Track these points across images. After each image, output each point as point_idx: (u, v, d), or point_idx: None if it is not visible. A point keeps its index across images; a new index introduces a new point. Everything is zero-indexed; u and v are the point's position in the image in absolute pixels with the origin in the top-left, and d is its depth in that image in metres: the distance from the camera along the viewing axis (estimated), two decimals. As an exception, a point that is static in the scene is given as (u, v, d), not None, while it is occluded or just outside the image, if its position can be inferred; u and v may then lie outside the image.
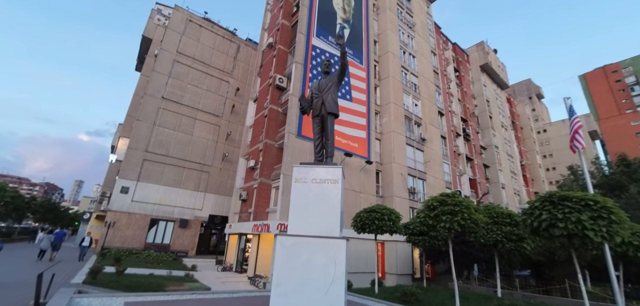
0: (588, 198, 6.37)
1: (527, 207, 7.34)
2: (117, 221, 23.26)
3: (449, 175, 29.81)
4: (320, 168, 5.79)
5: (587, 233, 6.03)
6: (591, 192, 7.55)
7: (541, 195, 7.22)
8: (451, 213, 8.00)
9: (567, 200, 6.55)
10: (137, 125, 26.83)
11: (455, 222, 7.88)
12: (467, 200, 8.28)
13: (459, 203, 8.01)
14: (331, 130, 6.57)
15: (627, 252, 8.46)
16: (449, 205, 8.12)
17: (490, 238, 10.55)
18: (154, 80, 28.92)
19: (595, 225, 6.04)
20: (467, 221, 7.87)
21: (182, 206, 26.75)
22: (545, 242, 9.73)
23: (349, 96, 23.58)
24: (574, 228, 6.19)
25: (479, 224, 8.23)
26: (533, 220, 6.94)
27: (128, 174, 24.87)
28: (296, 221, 5.48)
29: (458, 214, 7.89)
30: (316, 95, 6.75)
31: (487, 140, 42.66)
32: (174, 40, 31.22)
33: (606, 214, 6.11)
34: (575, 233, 6.20)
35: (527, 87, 72.83)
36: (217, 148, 30.65)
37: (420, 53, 32.32)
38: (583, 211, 6.23)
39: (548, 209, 6.71)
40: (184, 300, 7.63)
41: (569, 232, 6.26)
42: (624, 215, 6.40)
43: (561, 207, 6.51)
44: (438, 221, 8.19)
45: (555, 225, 6.43)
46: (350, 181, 20.94)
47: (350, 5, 27.50)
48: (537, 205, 7.01)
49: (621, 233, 6.16)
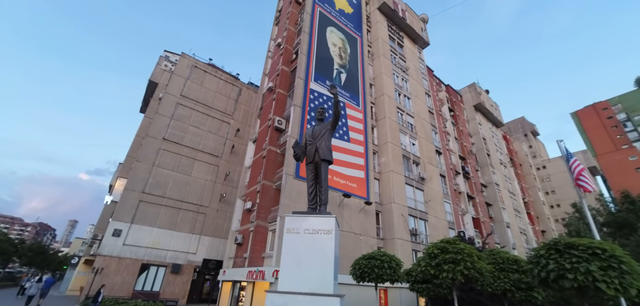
0: (595, 246, 6.06)
1: (533, 254, 6.98)
2: (105, 267, 22.23)
3: (452, 215, 29.17)
4: (313, 218, 5.59)
5: (599, 285, 5.64)
6: (596, 236, 7.24)
7: (546, 241, 6.90)
8: (453, 261, 7.59)
9: (573, 247, 6.22)
10: (136, 166, 26.80)
11: (458, 271, 7.44)
12: (470, 247, 7.90)
13: (461, 251, 7.63)
14: (325, 178, 6.47)
15: (645, 303, 7.87)
16: (451, 252, 7.73)
17: (498, 287, 9.91)
18: (156, 122, 29.45)
19: (606, 276, 5.66)
20: (471, 270, 7.44)
21: (175, 250, 25.76)
22: (555, 293, 9.16)
23: (346, 137, 23.85)
24: (584, 279, 5.80)
25: (484, 273, 7.78)
26: (540, 270, 6.54)
27: (122, 216, 24.29)
28: (287, 276, 5.16)
29: (460, 263, 7.47)
30: (310, 142, 6.74)
31: (487, 177, 42.43)
32: (179, 84, 32.35)
33: (616, 264, 5.76)
34: (586, 285, 5.80)
35: (521, 124, 74.20)
36: (215, 188, 30.32)
37: (415, 94, 33.33)
38: (591, 260, 5.88)
39: (554, 258, 6.35)
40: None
41: (580, 284, 5.86)
42: (635, 263, 6.05)
43: (568, 256, 6.17)
44: (440, 270, 7.75)
45: (564, 276, 6.04)
46: (350, 223, 20.40)
47: (346, 52, 28.92)
48: (543, 253, 6.66)
49: (635, 284, 5.76)
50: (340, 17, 30.24)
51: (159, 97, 34.54)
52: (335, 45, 28.31)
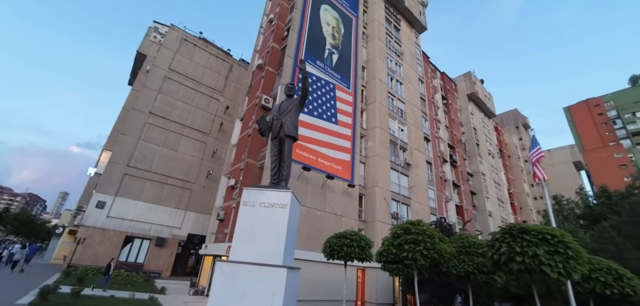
0: (546, 231, 6.27)
1: (490, 238, 7.20)
2: (89, 237, 22.32)
3: (435, 201, 29.72)
4: (269, 191, 5.62)
5: (544, 268, 5.88)
6: (553, 224, 7.47)
7: (502, 227, 7.10)
8: (414, 242, 7.78)
9: (526, 233, 6.43)
10: (122, 139, 26.46)
11: (418, 252, 7.65)
12: (432, 229, 8.09)
13: (423, 233, 7.82)
14: (288, 153, 6.47)
15: (595, 288, 8.27)
16: (413, 233, 7.91)
17: (462, 269, 10.27)
18: (143, 95, 28.90)
19: (551, 260, 5.89)
20: (430, 251, 7.65)
21: (160, 224, 25.91)
22: (508, 276, 9.44)
23: (334, 119, 23.75)
24: (531, 262, 6.03)
25: (444, 255, 8.01)
26: (493, 253, 6.78)
27: (106, 188, 24.18)
28: (239, 246, 5.23)
29: (421, 243, 7.67)
30: (276, 117, 6.68)
31: (474, 167, 43.05)
32: (167, 57, 31.51)
33: (563, 249, 5.99)
34: (532, 268, 6.04)
35: (514, 116, 74.79)
36: (202, 165, 30.22)
37: (408, 80, 33.10)
38: (540, 245, 6.10)
39: (508, 242, 6.58)
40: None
41: (527, 267, 6.10)
42: (582, 250, 6.29)
43: (520, 240, 6.39)
44: (401, 250, 7.95)
45: (514, 259, 6.27)
46: (332, 204, 20.65)
47: (340, 33, 28.33)
48: (498, 237, 6.88)
49: (578, 269, 6.02)
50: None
51: (146, 70, 33.68)
52: (329, 24, 27.68)
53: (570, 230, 22.29)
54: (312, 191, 20.03)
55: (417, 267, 10.77)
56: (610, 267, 8.34)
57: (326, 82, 24.43)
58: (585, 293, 8.78)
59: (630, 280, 8.18)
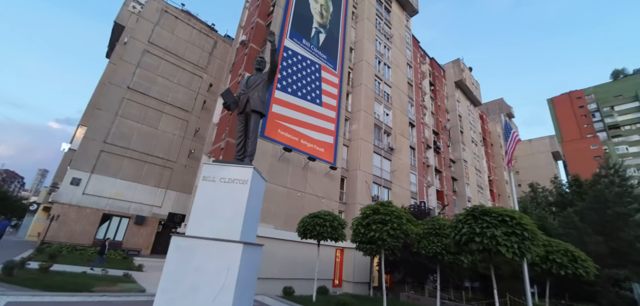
0: (506, 214, 6.45)
1: (455, 219, 7.38)
2: (64, 214, 21.72)
3: (416, 186, 30.34)
4: (230, 167, 5.49)
5: (500, 248, 6.08)
6: (515, 206, 7.71)
7: (466, 208, 7.27)
8: (381, 222, 7.91)
9: (487, 214, 6.61)
10: (98, 114, 25.39)
11: (384, 231, 7.79)
12: (399, 210, 8.24)
13: (390, 213, 7.94)
14: (254, 129, 6.30)
15: (552, 269, 8.70)
16: (381, 214, 8.03)
17: (431, 250, 10.61)
18: (121, 69, 27.59)
19: (508, 240, 6.10)
20: (397, 231, 7.80)
21: (139, 202, 25.43)
22: (467, 256, 9.76)
23: (319, 100, 23.47)
24: (489, 243, 6.23)
25: (410, 235, 8.21)
26: (456, 234, 6.96)
27: (81, 165, 23.37)
28: (197, 221, 5.13)
29: (388, 223, 7.81)
30: (243, 91, 6.47)
31: (457, 154, 43.99)
32: (147, 30, 29.98)
33: (520, 230, 6.19)
34: (490, 248, 6.24)
35: (499, 106, 76.23)
36: (183, 144, 29.54)
37: (396, 64, 32.90)
38: (499, 226, 6.29)
39: (470, 223, 6.75)
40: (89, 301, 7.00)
41: (485, 247, 6.30)
42: (538, 232, 6.53)
43: (481, 222, 6.56)
44: (369, 230, 8.08)
45: (473, 239, 6.46)
46: (313, 186, 20.73)
47: (328, 11, 27.57)
48: (461, 218, 7.05)
49: (533, 249, 6.26)
50: (324, -28, 28.38)
51: (124, 42, 32.03)
52: (317, 2, 26.83)
53: (541, 215, 23.30)
54: (294, 172, 19.99)
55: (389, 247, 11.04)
56: (567, 250, 8.78)
57: (312, 62, 23.95)
58: (543, 273, 9.23)
59: (584, 262, 8.65)
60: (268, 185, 18.53)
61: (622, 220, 12.40)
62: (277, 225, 18.23)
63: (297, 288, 14.36)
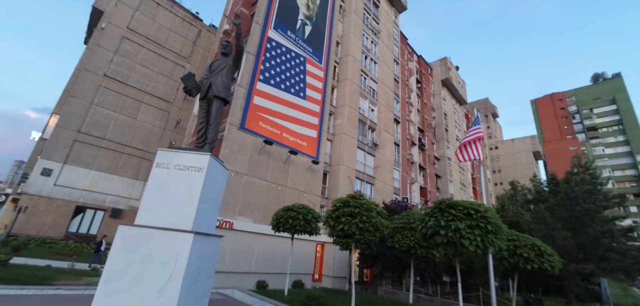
0: (471, 206, 6.44)
1: (422, 214, 7.35)
2: (33, 206, 20.71)
3: (399, 182, 30.61)
4: (186, 154, 5.21)
5: (463, 241, 6.07)
6: (484, 201, 7.75)
7: (435, 201, 7.25)
8: (351, 215, 7.83)
9: (453, 207, 6.59)
10: (71, 102, 24.27)
11: (353, 224, 7.71)
12: (370, 202, 8.16)
13: (360, 206, 7.86)
14: (215, 115, 6.03)
15: (518, 263, 8.86)
16: (351, 206, 7.94)
17: (404, 244, 10.66)
18: (97, 56, 26.41)
19: (471, 233, 6.10)
20: (366, 224, 7.73)
21: (116, 194, 24.58)
22: (431, 248, 9.79)
23: (302, 94, 23.20)
24: (453, 236, 6.21)
25: (379, 228, 8.16)
26: (423, 227, 6.93)
27: (53, 155, 22.31)
28: (147, 210, 4.84)
29: (357, 216, 7.73)
30: (206, 76, 6.18)
31: (442, 151, 44.69)
32: (126, 15, 28.79)
33: (483, 223, 6.20)
34: (454, 241, 6.23)
35: (484, 105, 77.95)
36: (164, 135, 28.69)
37: (383, 60, 32.93)
38: (464, 219, 6.28)
39: (436, 217, 6.73)
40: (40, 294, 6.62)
41: (449, 240, 6.29)
42: (503, 225, 6.57)
43: (447, 215, 6.54)
44: (338, 222, 7.99)
45: (438, 232, 6.44)
46: (294, 180, 20.54)
47: (315, 3, 27.20)
48: (428, 211, 7.02)
49: (496, 243, 6.29)
50: (311, -36, 27.95)
51: (101, 27, 30.66)
52: (302, -6, 26.42)
53: (517, 212, 23.88)
54: (274, 165, 19.73)
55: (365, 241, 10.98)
56: (534, 244, 8.94)
57: (296, 55, 23.61)
58: (511, 268, 9.39)
59: (550, 256, 8.83)
60: (247, 178, 18.22)
61: (590, 217, 12.85)
62: (256, 218, 17.98)
63: (274, 283, 14.21)
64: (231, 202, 17.08)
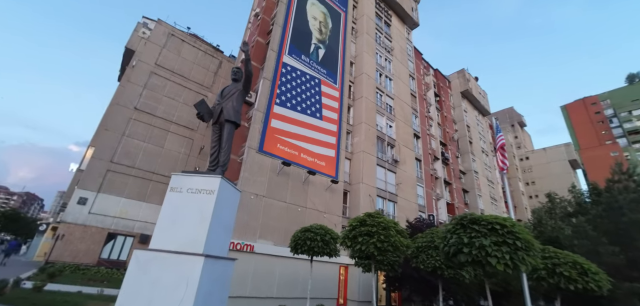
0: (496, 221, 5.97)
1: (443, 231, 6.91)
2: (70, 234, 22.03)
3: (424, 199, 29.44)
4: (197, 177, 5.33)
5: (490, 260, 5.58)
6: (511, 214, 7.17)
7: (456, 217, 6.81)
8: (368, 234, 7.48)
9: (476, 223, 6.14)
10: (105, 134, 26.18)
11: (371, 244, 7.35)
12: (388, 221, 7.79)
13: (377, 224, 7.51)
14: (227, 139, 6.17)
15: (560, 284, 7.98)
16: (368, 225, 7.61)
17: (430, 264, 9.97)
18: (127, 91, 28.59)
19: (498, 251, 5.60)
20: (384, 243, 7.35)
21: (144, 220, 25.60)
22: (455, 267, 8.98)
23: (319, 114, 23.45)
24: (477, 254, 5.74)
25: (399, 247, 7.71)
26: (445, 245, 6.49)
27: (88, 185, 23.88)
28: (161, 234, 4.93)
29: (375, 235, 7.37)
30: (217, 102, 6.42)
31: (467, 164, 42.76)
32: (154, 53, 31.20)
33: (511, 240, 5.69)
34: (479, 260, 5.75)
35: (509, 114, 74.45)
36: (189, 162, 29.91)
37: (398, 76, 32.78)
38: (489, 235, 5.80)
39: (458, 233, 6.28)
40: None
41: (474, 259, 5.81)
42: (534, 241, 5.99)
43: (470, 231, 6.09)
44: (355, 242, 7.66)
45: (461, 250, 5.98)
46: (313, 200, 20.38)
47: (327, 27, 27.98)
48: (450, 228, 6.59)
49: (528, 260, 5.72)
50: (323, -10, 29.05)
51: (132, 65, 33.32)
52: (316, 18, 27.33)
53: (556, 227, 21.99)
54: (293, 186, 19.75)
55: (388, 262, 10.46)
56: (575, 262, 8.06)
57: (311, 77, 24.12)
58: (551, 288, 8.49)
59: (595, 275, 7.90)
60: (267, 200, 18.33)
61: (638, 228, 11.39)
62: (276, 240, 17.87)
63: (295, 307, 13.83)
64: (251, 224, 17.18)
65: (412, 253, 10.15)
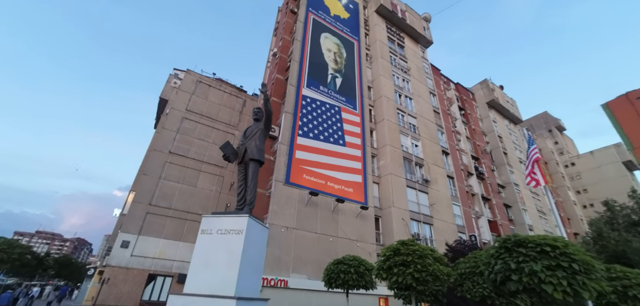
0: (545, 242, 5.37)
1: (485, 255, 6.34)
2: (114, 277, 23.19)
3: (462, 218, 27.61)
4: (226, 218, 5.45)
5: (544, 287, 4.97)
6: (562, 233, 6.46)
7: (499, 239, 6.25)
8: (403, 264, 7.01)
9: (521, 245, 5.57)
10: (143, 179, 28.04)
11: (408, 275, 6.86)
12: (424, 248, 7.28)
13: (412, 253, 7.04)
14: (252, 178, 6.33)
15: (636, 309, 6.84)
16: (402, 254, 7.16)
17: (477, 293, 9.05)
18: (162, 137, 30.82)
19: (553, 276, 4.97)
20: (422, 273, 6.83)
21: (181, 260, 26.39)
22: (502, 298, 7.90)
23: (342, 141, 23.51)
24: (529, 281, 5.14)
25: (440, 277, 7.12)
26: (490, 272, 5.91)
27: (130, 228, 25.35)
28: (194, 277, 5.03)
29: (411, 265, 6.89)
30: (241, 142, 6.68)
31: (505, 177, 39.92)
32: (184, 100, 33.75)
33: (567, 262, 5.05)
34: (532, 287, 5.14)
35: (544, 119, 69.38)
36: (220, 198, 30.91)
37: (418, 94, 32.34)
38: (539, 259, 5.21)
39: (503, 258, 5.72)
40: None
41: (525, 286, 5.20)
42: (595, 262, 5.28)
43: (516, 255, 5.52)
44: (391, 274, 7.20)
45: (510, 277, 5.40)
46: (344, 229, 19.91)
47: (342, 57, 28.75)
48: (493, 252, 6.02)
49: (591, 285, 5.00)
50: (336, 23, 30.24)
51: (166, 113, 36.17)
52: (330, 50, 28.26)
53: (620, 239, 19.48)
54: (323, 216, 19.52)
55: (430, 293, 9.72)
56: (652, 281, 6.93)
57: (331, 106, 24.53)
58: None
59: (681, 296, 6.70)
60: (297, 232, 18.21)
61: None
62: (309, 274, 17.48)
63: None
64: (283, 258, 17.03)
65: (455, 281, 9.36)
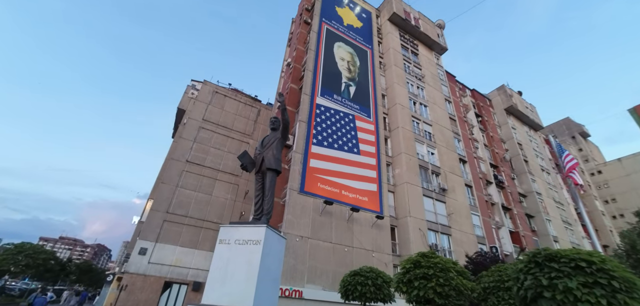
0: (580, 257, 5.02)
1: (514, 268, 6.00)
2: (131, 284, 23.68)
3: (481, 228, 26.59)
4: (244, 228, 5.43)
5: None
6: (597, 246, 6.03)
7: (528, 252, 5.91)
8: (424, 277, 6.72)
9: (554, 260, 5.22)
10: (161, 187, 28.76)
11: (430, 289, 6.56)
12: (446, 261, 6.96)
13: (434, 266, 6.75)
14: (269, 187, 6.31)
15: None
16: (423, 267, 6.87)
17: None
18: (180, 146, 31.65)
19: (590, 294, 4.62)
20: (444, 287, 6.51)
21: (196, 268, 26.69)
22: None
23: (356, 149, 23.33)
24: (563, 299, 4.79)
25: (463, 291, 6.77)
26: (519, 288, 5.58)
27: (147, 235, 25.95)
28: (212, 288, 5.02)
29: (432, 279, 6.59)
30: (258, 151, 6.70)
31: (526, 186, 38.29)
32: (201, 110, 34.64)
33: (606, 279, 4.69)
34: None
35: (567, 126, 66.39)
36: (235, 207, 31.24)
37: (433, 102, 31.80)
38: (573, 275, 4.87)
39: (533, 273, 5.38)
40: None
41: (559, 304, 4.86)
42: (635, 279, 4.88)
43: (547, 270, 5.19)
44: (411, 287, 6.91)
45: (541, 294, 5.07)
46: (360, 239, 19.58)
47: (356, 65, 28.78)
48: (522, 267, 5.69)
49: (632, 305, 4.61)
50: (349, 32, 30.40)
51: (183, 123, 37.20)
52: (344, 59, 28.37)
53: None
54: (338, 225, 19.29)
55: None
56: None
57: (345, 114, 24.48)
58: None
59: None
60: (312, 242, 18.06)
61: None
62: (325, 285, 17.22)
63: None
64: (299, 268, 16.88)
65: (478, 295, 8.93)
